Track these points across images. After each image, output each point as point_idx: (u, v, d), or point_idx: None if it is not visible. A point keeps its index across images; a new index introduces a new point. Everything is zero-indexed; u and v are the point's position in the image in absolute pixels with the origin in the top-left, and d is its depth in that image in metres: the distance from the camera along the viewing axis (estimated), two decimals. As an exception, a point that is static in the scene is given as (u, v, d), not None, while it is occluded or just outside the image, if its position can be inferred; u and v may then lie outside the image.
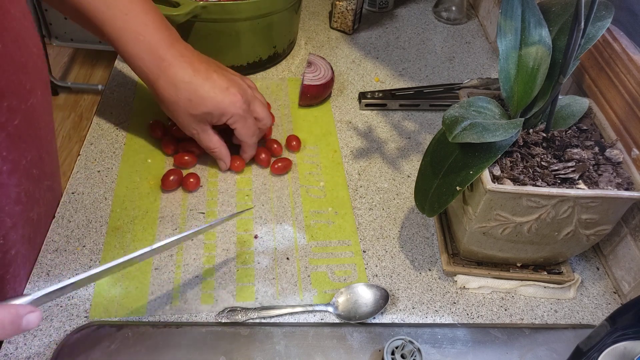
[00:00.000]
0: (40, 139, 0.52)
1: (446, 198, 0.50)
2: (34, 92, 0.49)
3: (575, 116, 0.54)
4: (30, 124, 0.48)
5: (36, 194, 0.53)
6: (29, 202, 0.52)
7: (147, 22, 0.59)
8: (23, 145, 0.48)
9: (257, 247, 0.60)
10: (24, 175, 0.49)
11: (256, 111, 0.64)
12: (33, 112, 0.49)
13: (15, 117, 0.45)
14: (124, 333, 0.51)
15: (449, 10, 0.99)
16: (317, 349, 0.52)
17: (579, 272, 0.60)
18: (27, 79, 0.47)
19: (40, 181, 0.53)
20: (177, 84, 0.59)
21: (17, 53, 0.45)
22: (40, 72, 0.51)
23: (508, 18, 0.53)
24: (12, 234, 0.50)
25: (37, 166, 0.51)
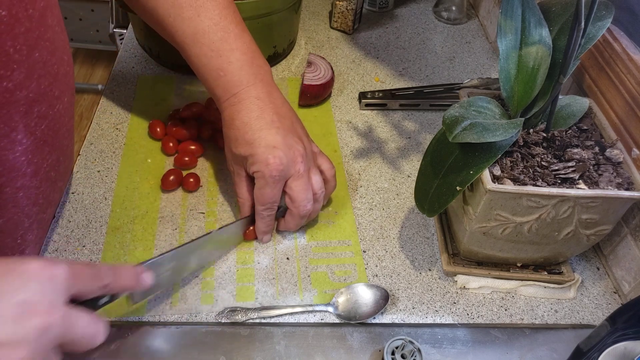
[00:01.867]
0: (61, 143, 0.52)
1: (446, 198, 0.49)
2: (61, 99, 0.49)
3: (575, 116, 0.54)
4: (54, 129, 0.49)
5: (51, 195, 0.53)
6: (44, 204, 0.52)
7: (232, 59, 0.57)
8: (46, 149, 0.49)
9: (257, 247, 0.60)
10: (43, 178, 0.50)
11: (291, 188, 0.57)
12: (59, 118, 0.50)
13: (43, 123, 0.46)
14: (124, 333, 0.51)
15: (449, 10, 0.99)
16: (317, 349, 0.52)
17: (579, 272, 0.60)
18: (57, 86, 0.48)
19: (55, 183, 0.54)
20: (235, 121, 0.57)
21: (51, 62, 0.46)
22: (69, 79, 0.51)
23: (508, 18, 0.53)
24: (29, 235, 0.51)
25: (54, 169, 0.52)
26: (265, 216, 0.58)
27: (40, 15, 0.43)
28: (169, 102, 0.77)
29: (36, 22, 0.42)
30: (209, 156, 0.70)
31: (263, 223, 0.59)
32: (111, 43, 1.49)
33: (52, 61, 0.46)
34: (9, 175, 0.44)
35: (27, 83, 0.42)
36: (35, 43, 0.42)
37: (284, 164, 0.55)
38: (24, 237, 0.50)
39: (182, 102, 0.76)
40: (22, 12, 0.40)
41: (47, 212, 0.54)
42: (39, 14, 0.42)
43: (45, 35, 0.44)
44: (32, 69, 0.42)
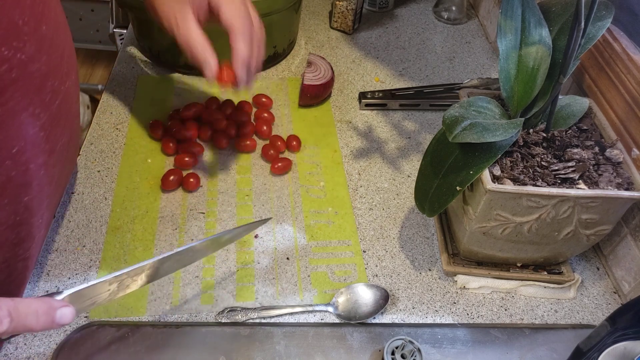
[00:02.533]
0: (71, 123, 0.53)
1: (446, 198, 0.49)
2: (70, 76, 0.50)
3: (575, 116, 0.54)
4: (66, 106, 0.50)
5: (62, 177, 0.54)
6: (57, 184, 0.53)
7: None
8: (60, 128, 0.50)
9: (257, 247, 0.60)
10: (59, 157, 0.51)
11: None
12: (69, 95, 0.51)
13: (56, 98, 0.47)
14: (124, 333, 0.51)
15: (449, 10, 0.99)
16: (317, 349, 0.52)
17: (579, 272, 0.60)
18: (65, 62, 0.49)
19: (65, 165, 0.55)
20: None
21: (57, 38, 0.47)
22: (73, 60, 0.52)
23: (508, 18, 0.53)
24: (46, 214, 0.51)
25: (67, 149, 0.53)
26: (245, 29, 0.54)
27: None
28: (169, 102, 0.77)
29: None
30: (209, 156, 0.70)
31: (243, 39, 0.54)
32: (111, 43, 1.49)
33: (58, 37, 0.47)
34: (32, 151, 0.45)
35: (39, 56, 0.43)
36: (41, 17, 0.43)
37: None
38: (43, 216, 0.50)
39: (182, 102, 0.76)
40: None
41: (57, 194, 0.55)
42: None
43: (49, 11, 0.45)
44: (41, 42, 0.43)
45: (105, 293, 0.43)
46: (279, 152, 0.70)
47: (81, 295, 0.41)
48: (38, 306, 0.37)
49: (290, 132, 0.74)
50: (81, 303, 0.41)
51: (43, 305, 0.37)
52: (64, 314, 0.38)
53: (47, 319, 0.37)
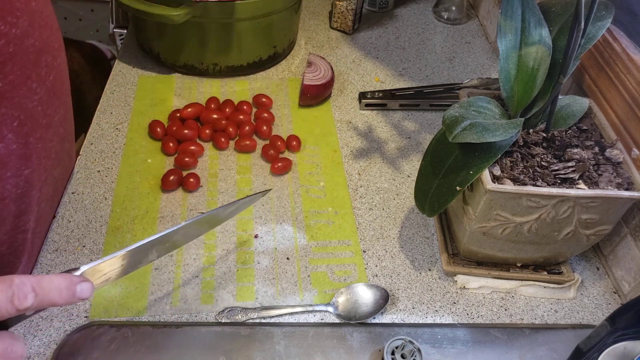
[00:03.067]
0: (65, 97, 0.55)
1: (446, 198, 0.50)
2: (60, 51, 0.53)
3: (575, 116, 0.54)
4: (60, 81, 0.52)
5: (60, 153, 0.56)
6: (56, 159, 0.55)
7: None
8: (56, 102, 0.51)
9: (257, 247, 0.60)
10: (55, 133, 0.52)
11: None
12: (61, 71, 0.53)
13: (51, 73, 0.49)
14: (124, 333, 0.51)
15: (449, 10, 0.99)
16: (317, 349, 0.52)
17: (579, 272, 0.60)
18: (55, 38, 0.51)
19: (64, 141, 0.56)
20: None
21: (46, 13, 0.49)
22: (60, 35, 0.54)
23: (508, 18, 0.53)
24: (44, 188, 0.53)
25: (63, 125, 0.55)
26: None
27: None
28: (169, 102, 0.77)
29: None
30: (209, 156, 0.70)
31: None
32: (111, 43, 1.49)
33: (46, 13, 0.48)
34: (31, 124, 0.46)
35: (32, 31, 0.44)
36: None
37: None
38: (41, 190, 0.51)
39: (182, 102, 0.76)
40: None
41: (57, 170, 0.57)
42: None
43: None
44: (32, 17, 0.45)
45: (118, 268, 0.44)
46: (279, 152, 0.70)
47: (96, 271, 0.42)
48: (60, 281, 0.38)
49: (290, 132, 0.74)
50: (97, 279, 0.43)
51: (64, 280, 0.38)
52: (84, 289, 0.39)
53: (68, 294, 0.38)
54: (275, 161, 0.68)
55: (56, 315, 0.52)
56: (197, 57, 0.79)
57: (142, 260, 0.46)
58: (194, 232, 0.50)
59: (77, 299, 0.39)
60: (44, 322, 0.52)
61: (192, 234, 0.50)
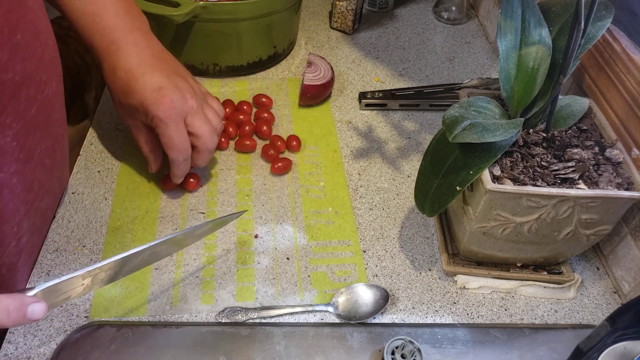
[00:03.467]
0: (53, 129, 0.52)
1: (446, 198, 0.49)
2: (50, 83, 0.50)
3: (575, 116, 0.54)
4: (45, 114, 0.49)
5: (47, 183, 0.53)
6: (41, 192, 0.52)
7: (108, 5, 0.57)
8: (38, 135, 0.49)
9: (257, 247, 0.60)
10: (37, 165, 0.50)
11: (193, 125, 0.57)
12: (48, 103, 0.50)
13: (32, 107, 0.46)
14: (124, 333, 0.51)
15: (449, 10, 0.99)
16: (317, 349, 0.52)
17: (579, 272, 0.60)
18: (44, 70, 0.48)
19: (52, 171, 0.54)
20: (117, 71, 0.57)
21: (35, 45, 0.46)
22: (55, 65, 0.52)
23: (508, 18, 0.53)
24: (24, 222, 0.50)
25: (49, 156, 0.52)
26: (181, 162, 0.59)
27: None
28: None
29: (15, 3, 0.42)
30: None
31: (179, 169, 0.60)
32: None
33: (35, 44, 0.46)
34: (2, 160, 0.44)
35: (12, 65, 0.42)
36: (17, 24, 0.42)
37: (175, 102, 0.56)
38: (20, 225, 0.50)
39: (182, 102, 0.76)
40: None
41: (44, 201, 0.54)
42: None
43: (27, 17, 0.44)
44: (15, 50, 0.42)
45: (79, 287, 0.43)
46: (279, 152, 0.70)
47: (54, 290, 0.41)
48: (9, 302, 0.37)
49: (290, 132, 0.74)
50: (54, 298, 0.41)
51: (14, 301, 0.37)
52: (35, 310, 0.38)
53: (18, 315, 0.37)
54: (275, 161, 0.68)
55: (56, 315, 0.52)
56: (197, 57, 0.79)
57: (104, 280, 0.45)
58: (162, 252, 0.49)
59: (27, 320, 0.38)
60: (44, 322, 0.52)
61: (160, 254, 0.49)
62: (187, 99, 0.57)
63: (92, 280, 0.44)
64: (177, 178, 0.61)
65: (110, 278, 0.46)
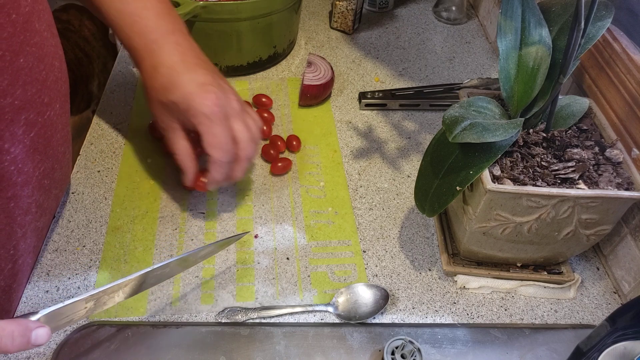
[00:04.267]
0: (54, 151, 0.51)
1: (446, 198, 0.49)
2: (52, 105, 0.48)
3: (575, 116, 0.54)
4: (46, 136, 0.48)
5: (45, 204, 0.52)
6: (38, 212, 0.51)
7: (148, 6, 0.57)
8: (38, 157, 0.47)
9: (257, 247, 0.60)
10: (36, 187, 0.48)
11: (235, 128, 0.55)
12: (50, 125, 0.48)
13: (32, 130, 0.45)
14: (124, 333, 0.51)
15: (449, 10, 0.99)
16: (317, 349, 0.52)
17: (579, 272, 0.60)
18: (46, 93, 0.46)
19: (50, 191, 0.52)
20: (158, 68, 0.55)
21: (39, 68, 0.44)
22: (61, 85, 0.50)
23: (508, 18, 0.53)
24: (22, 244, 0.50)
25: (48, 177, 0.51)
26: (223, 163, 0.54)
27: (25, 20, 0.41)
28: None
29: (20, 27, 0.41)
30: (209, 156, 0.70)
31: (220, 172, 0.55)
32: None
33: (39, 67, 0.44)
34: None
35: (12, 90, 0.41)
36: (20, 49, 0.41)
37: (220, 99, 0.53)
38: (16, 247, 0.49)
39: (182, 102, 0.76)
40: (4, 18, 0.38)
41: (41, 221, 0.53)
42: (23, 19, 0.41)
43: (31, 40, 0.43)
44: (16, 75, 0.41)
45: (82, 311, 0.43)
46: (279, 152, 0.70)
47: (57, 315, 0.41)
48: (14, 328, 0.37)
49: (290, 132, 0.74)
50: (57, 322, 0.41)
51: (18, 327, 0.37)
52: (39, 335, 0.38)
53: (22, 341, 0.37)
54: (275, 161, 0.68)
55: (56, 315, 0.52)
56: (197, 57, 0.79)
57: (107, 302, 0.45)
58: (165, 274, 0.49)
59: (31, 346, 0.38)
60: (44, 322, 0.52)
61: (163, 276, 0.49)
62: (231, 100, 0.55)
63: (95, 303, 0.44)
64: (215, 183, 0.56)
65: (113, 301, 0.46)
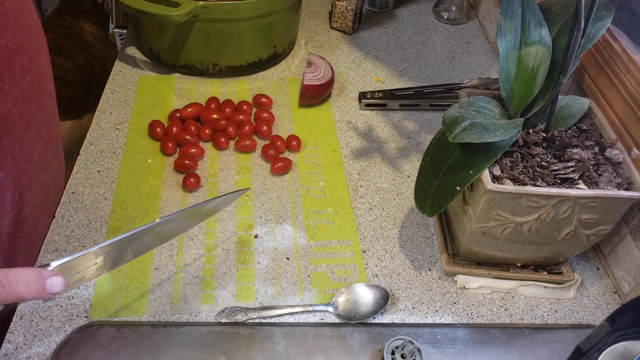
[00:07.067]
0: (46, 101, 0.54)
1: (446, 198, 0.50)
2: (40, 53, 0.51)
3: (575, 116, 0.54)
4: (38, 83, 0.51)
5: (46, 157, 0.55)
6: (41, 164, 0.54)
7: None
8: (34, 104, 0.50)
9: (257, 247, 0.60)
10: (35, 136, 0.51)
11: None
12: (40, 72, 0.51)
13: (26, 74, 0.48)
14: (124, 333, 0.51)
15: (449, 10, 0.99)
16: (317, 349, 0.52)
17: (579, 272, 0.60)
18: (33, 40, 0.50)
19: (48, 145, 0.55)
20: None
21: (23, 14, 0.48)
22: (41, 37, 0.53)
23: (508, 18, 0.53)
24: (27, 193, 0.51)
25: (45, 128, 0.54)
26: None
27: None
28: (169, 102, 0.77)
29: None
30: (209, 156, 0.70)
31: None
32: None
33: (23, 14, 0.48)
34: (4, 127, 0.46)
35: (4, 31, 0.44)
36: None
37: None
38: (22, 194, 0.51)
39: (182, 102, 0.76)
40: None
41: (44, 175, 0.55)
42: None
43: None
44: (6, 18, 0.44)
45: (92, 267, 0.43)
46: (279, 152, 0.70)
47: (69, 268, 0.40)
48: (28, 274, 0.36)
49: (290, 132, 0.74)
50: (70, 276, 0.41)
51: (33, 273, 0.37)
52: (55, 283, 0.38)
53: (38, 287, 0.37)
54: (275, 161, 0.68)
55: (56, 315, 0.52)
56: (197, 57, 0.79)
57: (117, 260, 0.45)
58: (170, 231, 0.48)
59: (47, 293, 0.37)
60: (44, 322, 0.52)
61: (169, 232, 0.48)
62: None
63: (104, 259, 0.43)
64: None
65: (121, 258, 0.45)
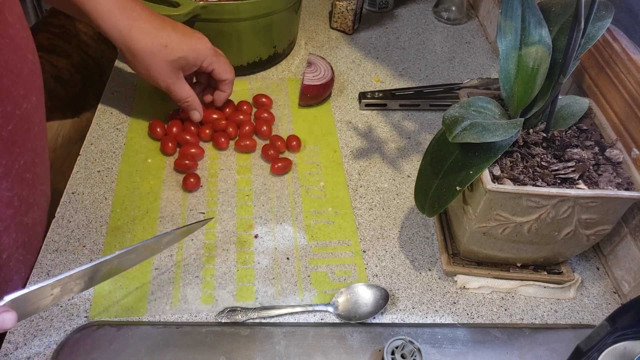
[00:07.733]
0: (32, 144, 0.51)
1: (446, 198, 0.49)
2: (28, 98, 0.49)
3: (575, 116, 0.54)
4: (23, 129, 0.48)
5: (30, 198, 0.52)
6: (22, 207, 0.51)
7: None
8: (17, 150, 0.48)
9: (257, 247, 0.60)
10: (16, 180, 0.49)
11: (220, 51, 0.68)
12: (27, 117, 0.49)
13: (9, 123, 0.46)
14: (124, 333, 0.51)
15: (449, 10, 0.99)
16: (317, 349, 0.52)
17: (579, 272, 0.60)
18: (22, 85, 0.47)
19: (34, 186, 0.53)
20: (152, 32, 0.62)
21: (14, 60, 0.45)
22: (35, 78, 0.51)
23: (508, 18, 0.53)
24: (4, 238, 0.50)
25: (30, 170, 0.51)
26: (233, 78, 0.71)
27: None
28: (169, 102, 0.77)
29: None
30: (209, 156, 0.70)
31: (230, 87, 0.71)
32: (111, 43, 1.48)
33: (14, 60, 0.45)
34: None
35: None
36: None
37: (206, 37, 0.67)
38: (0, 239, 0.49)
39: (182, 102, 0.76)
40: None
41: (29, 216, 0.53)
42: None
43: (5, 32, 0.43)
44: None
45: (48, 297, 0.43)
46: (279, 152, 0.70)
47: (23, 300, 0.41)
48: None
49: (290, 132, 0.74)
50: (24, 308, 0.41)
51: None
52: (6, 319, 0.38)
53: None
54: (275, 161, 0.68)
55: (56, 315, 0.52)
56: (197, 57, 0.79)
57: (74, 289, 0.45)
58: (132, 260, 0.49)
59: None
60: (44, 322, 0.52)
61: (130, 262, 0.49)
62: None
63: (62, 290, 0.44)
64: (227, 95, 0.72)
65: (81, 288, 0.46)
